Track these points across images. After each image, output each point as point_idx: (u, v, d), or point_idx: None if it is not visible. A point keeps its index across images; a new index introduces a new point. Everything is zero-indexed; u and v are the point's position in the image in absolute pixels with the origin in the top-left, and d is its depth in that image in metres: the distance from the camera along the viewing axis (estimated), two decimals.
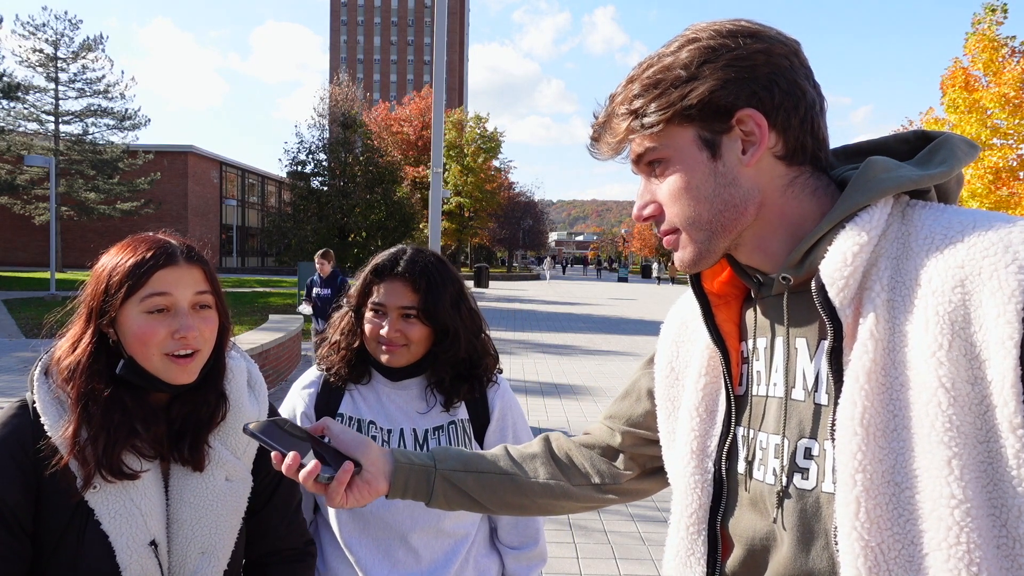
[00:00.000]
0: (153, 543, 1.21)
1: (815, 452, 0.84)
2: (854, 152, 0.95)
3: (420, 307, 1.57)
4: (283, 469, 1.03)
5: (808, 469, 0.85)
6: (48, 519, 1.17)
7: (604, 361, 12.08)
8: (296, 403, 1.71)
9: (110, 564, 1.17)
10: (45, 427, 1.17)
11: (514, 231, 59.52)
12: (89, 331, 1.22)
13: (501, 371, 1.80)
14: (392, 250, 1.67)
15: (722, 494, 0.95)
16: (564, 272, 67.57)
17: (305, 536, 1.49)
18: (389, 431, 1.63)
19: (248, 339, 8.40)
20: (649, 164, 0.92)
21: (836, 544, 0.79)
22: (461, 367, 1.65)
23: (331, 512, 1.64)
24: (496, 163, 45.97)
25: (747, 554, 0.91)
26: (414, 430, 1.63)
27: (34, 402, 1.21)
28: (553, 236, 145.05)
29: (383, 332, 1.58)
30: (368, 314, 1.62)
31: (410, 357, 1.61)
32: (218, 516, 1.27)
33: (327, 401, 1.68)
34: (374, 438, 1.62)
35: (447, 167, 39.87)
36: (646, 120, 0.88)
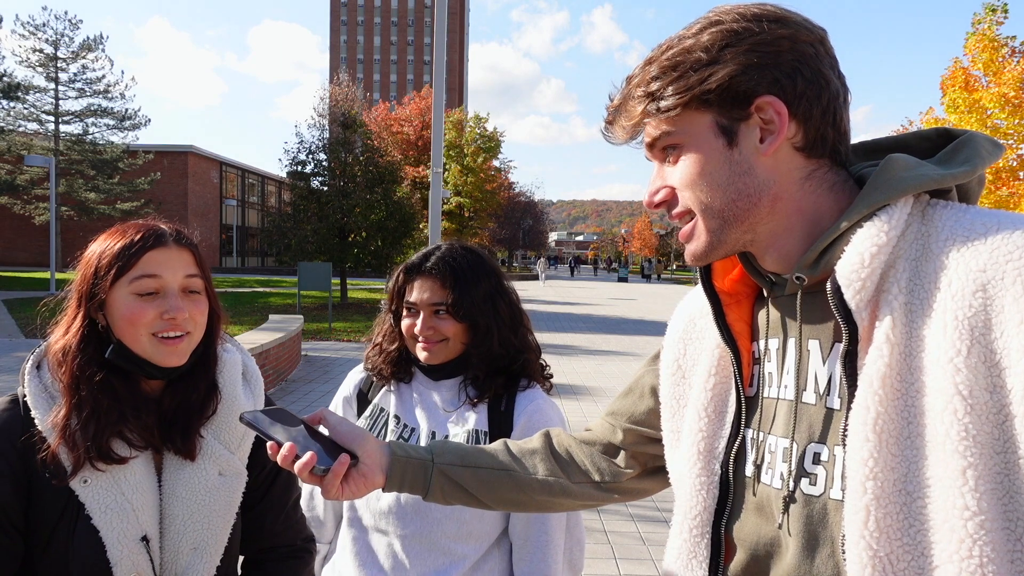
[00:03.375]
0: (144, 538, 1.20)
1: (824, 457, 0.82)
2: (873, 149, 0.92)
3: (450, 303, 1.58)
4: (278, 459, 1.01)
5: (816, 474, 0.82)
6: (40, 514, 1.17)
7: (604, 361, 12.07)
8: (345, 386, 1.79)
9: (101, 559, 1.16)
10: (35, 419, 1.17)
11: (514, 231, 59.46)
12: (79, 315, 1.22)
13: (551, 376, 1.74)
14: (426, 248, 1.69)
15: (728, 497, 0.93)
16: (572, 274, 62.13)
17: (303, 533, 1.48)
18: (412, 430, 1.63)
19: (248, 339, 8.40)
20: (663, 149, 0.89)
21: (843, 552, 0.76)
22: (498, 363, 1.64)
23: (346, 504, 1.64)
24: (496, 163, 45.94)
25: (750, 559, 0.89)
26: (433, 433, 1.62)
27: (24, 396, 1.20)
28: (553, 236, 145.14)
29: (416, 330, 1.59)
30: (404, 313, 1.64)
31: (448, 353, 1.61)
32: (211, 511, 1.26)
33: (369, 388, 1.74)
34: (393, 433, 1.63)
35: (447, 167, 39.83)
36: (663, 103, 0.84)
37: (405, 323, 1.63)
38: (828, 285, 0.80)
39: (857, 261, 0.77)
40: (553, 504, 1.19)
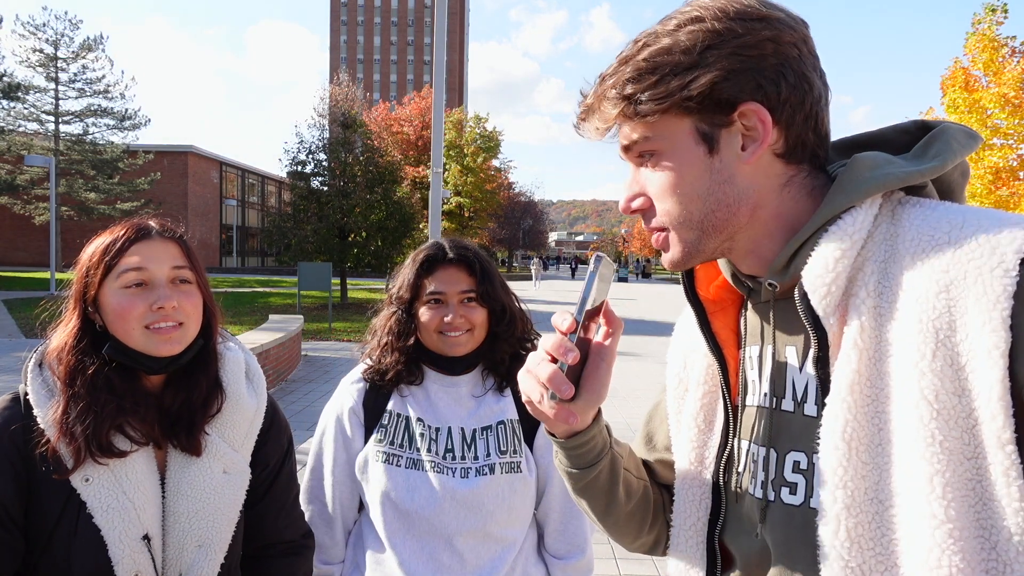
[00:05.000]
0: (146, 537, 1.21)
1: (804, 465, 0.80)
2: (853, 145, 0.89)
3: (478, 290, 1.60)
4: (551, 345, 0.80)
5: (796, 483, 0.81)
6: (40, 512, 1.17)
7: None
8: (345, 398, 1.68)
9: (103, 558, 1.17)
10: (36, 417, 1.18)
11: (514, 231, 59.47)
12: (75, 315, 1.24)
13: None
14: (428, 244, 1.67)
15: (720, 507, 0.91)
16: (573, 276, 59.46)
17: (302, 529, 1.50)
18: (436, 429, 1.62)
19: (248, 339, 8.40)
20: (640, 154, 0.84)
21: (819, 563, 0.74)
22: (518, 346, 1.68)
23: (376, 512, 1.60)
24: (496, 163, 45.97)
25: (744, 570, 0.88)
26: (462, 429, 1.62)
27: (26, 394, 1.21)
28: (553, 236, 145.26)
29: (447, 320, 1.58)
30: (424, 308, 1.61)
31: (473, 343, 1.62)
32: (216, 509, 1.27)
33: (376, 396, 1.67)
34: (422, 436, 1.61)
35: (447, 167, 39.86)
36: (640, 108, 0.79)
37: (427, 315, 1.60)
38: (796, 292, 0.78)
39: (822, 266, 0.75)
40: (649, 533, 1.06)
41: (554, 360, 0.80)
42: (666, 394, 1.06)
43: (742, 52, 0.77)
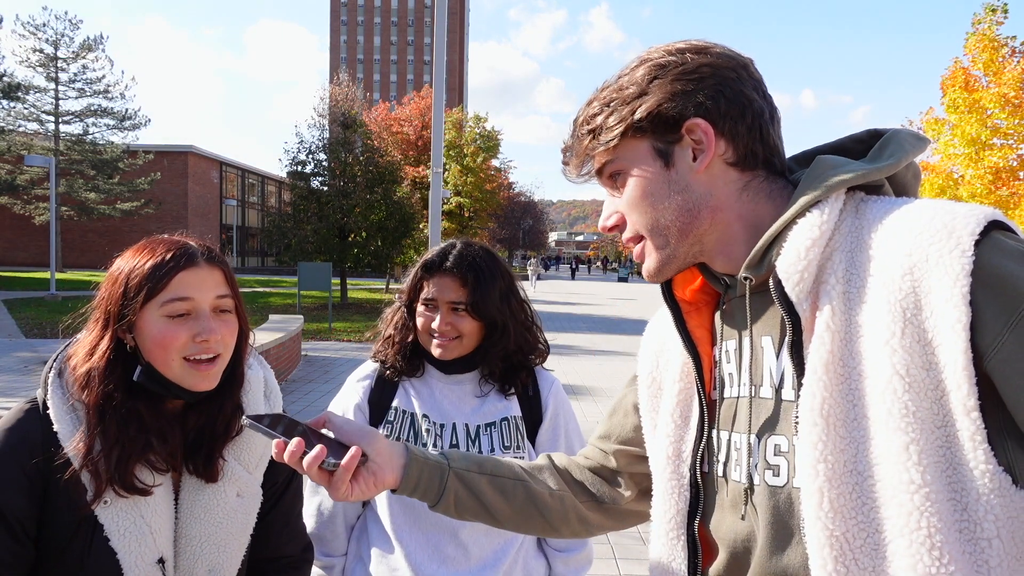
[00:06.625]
0: (160, 560, 1.19)
1: (784, 448, 0.85)
2: (814, 155, 0.97)
3: (468, 301, 1.61)
4: (286, 456, 0.97)
5: (779, 466, 0.86)
6: (54, 526, 1.15)
7: (604, 361, 12.08)
8: (351, 395, 1.72)
9: None
10: (58, 435, 1.15)
11: (514, 231, 59.57)
12: (107, 336, 1.18)
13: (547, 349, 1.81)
14: (442, 245, 1.70)
15: (699, 498, 0.96)
16: (573, 276, 58.75)
17: (303, 542, 1.48)
18: (441, 425, 1.65)
19: None
20: (611, 177, 0.97)
21: (805, 536, 0.79)
22: (513, 358, 1.69)
23: (382, 505, 1.63)
24: (496, 163, 45.97)
25: (730, 557, 0.92)
26: (466, 425, 1.65)
27: (46, 407, 1.18)
28: (553, 236, 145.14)
29: (434, 325, 1.61)
30: (420, 308, 1.65)
31: (462, 350, 1.64)
32: (228, 533, 1.25)
33: (381, 394, 1.70)
34: (427, 432, 1.64)
35: (447, 167, 39.84)
36: (602, 137, 0.93)
37: (421, 319, 1.64)
38: (770, 281, 0.85)
39: (794, 255, 0.82)
40: (563, 523, 1.17)
41: (322, 468, 0.98)
42: (637, 394, 1.13)
43: (683, 77, 0.89)
